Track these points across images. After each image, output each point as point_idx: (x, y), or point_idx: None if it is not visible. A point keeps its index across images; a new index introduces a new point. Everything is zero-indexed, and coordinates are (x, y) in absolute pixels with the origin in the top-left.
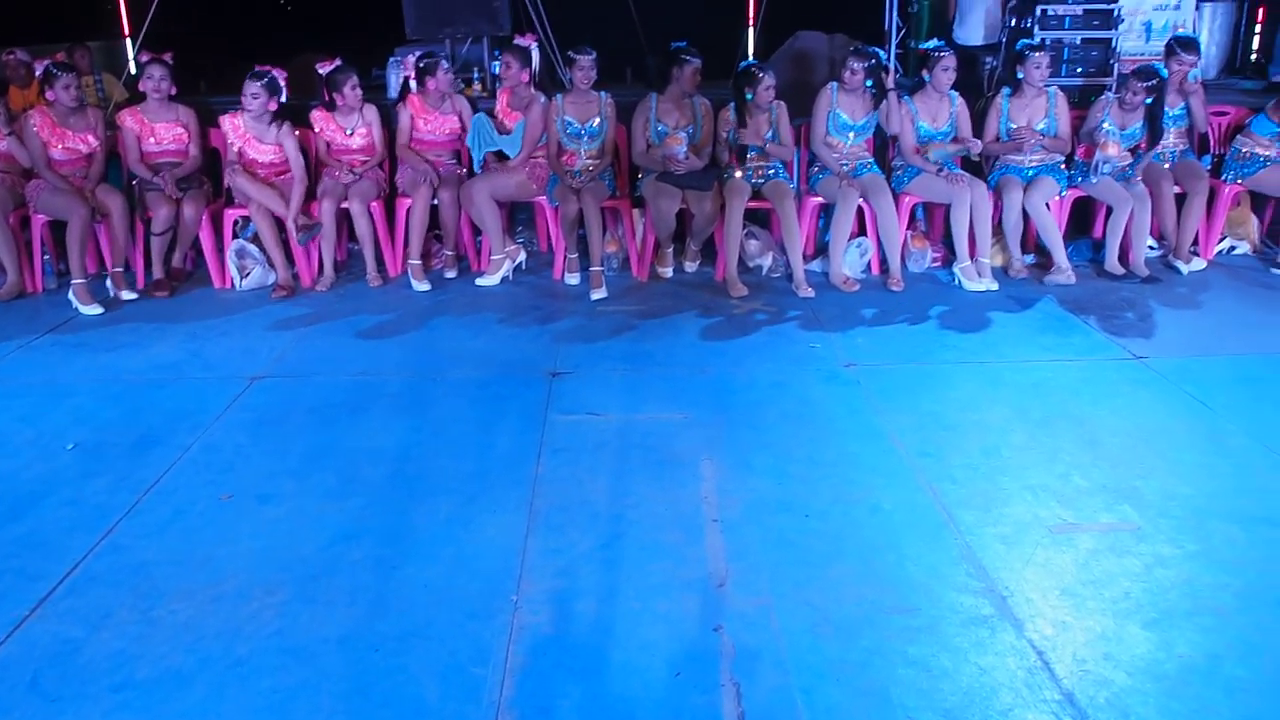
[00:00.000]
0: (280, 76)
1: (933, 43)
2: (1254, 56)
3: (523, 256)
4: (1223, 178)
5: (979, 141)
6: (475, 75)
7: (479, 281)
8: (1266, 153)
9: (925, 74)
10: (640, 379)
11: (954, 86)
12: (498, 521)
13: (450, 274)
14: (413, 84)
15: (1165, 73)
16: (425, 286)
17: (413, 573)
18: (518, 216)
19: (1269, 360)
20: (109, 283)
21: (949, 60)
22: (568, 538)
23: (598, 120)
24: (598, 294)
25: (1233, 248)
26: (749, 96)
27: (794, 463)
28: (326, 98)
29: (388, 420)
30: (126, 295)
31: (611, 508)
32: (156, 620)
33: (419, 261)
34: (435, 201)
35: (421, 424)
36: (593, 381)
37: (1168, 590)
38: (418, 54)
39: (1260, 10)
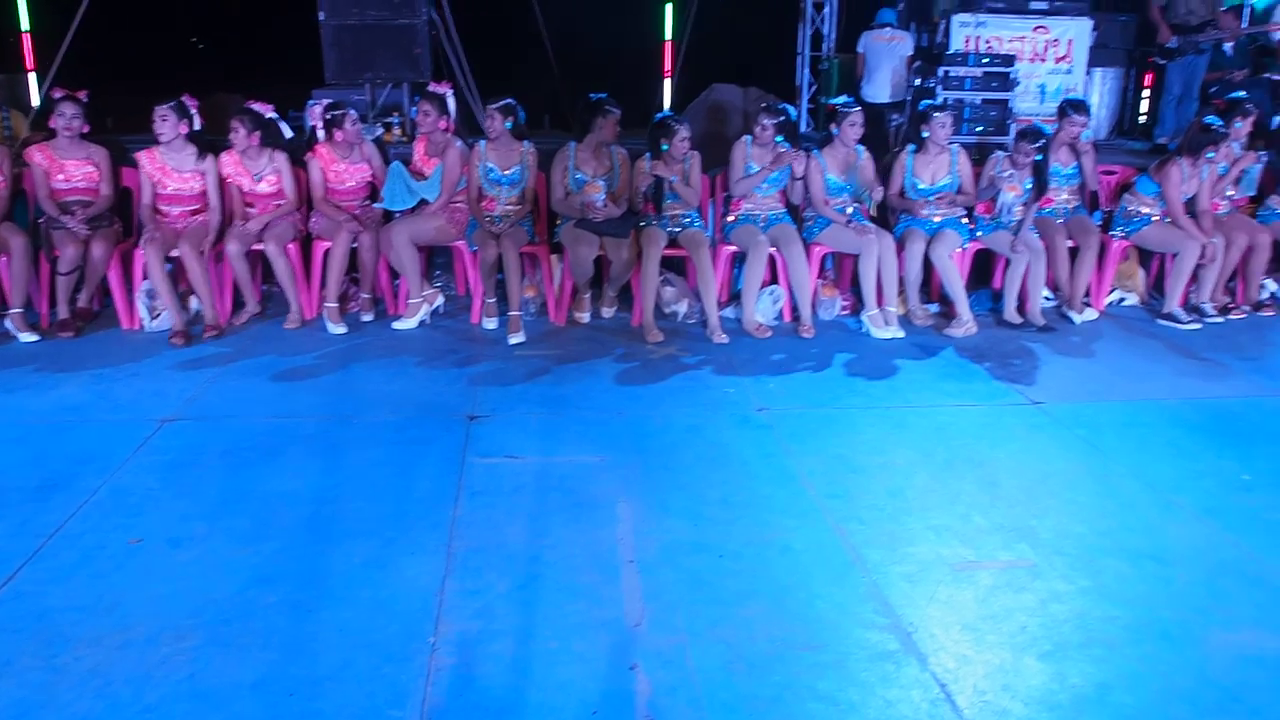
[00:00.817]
0: (191, 103)
1: (842, 99)
2: (1141, 119)
3: (440, 300)
4: (1111, 233)
5: (881, 189)
6: (395, 120)
7: (396, 325)
8: (1150, 211)
9: (834, 128)
10: (558, 422)
11: (861, 141)
12: (415, 564)
13: (367, 317)
14: (320, 134)
15: (1049, 131)
16: (341, 329)
17: (329, 616)
18: (436, 260)
19: (1154, 406)
20: (8, 323)
21: (856, 116)
22: (485, 579)
23: (518, 168)
24: (515, 338)
25: (1122, 299)
26: (664, 147)
27: (708, 504)
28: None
29: (303, 463)
30: (27, 337)
31: (529, 549)
32: (61, 668)
33: (335, 304)
34: (354, 244)
35: (338, 467)
36: (511, 425)
37: (1061, 624)
38: (325, 104)
39: (1146, 76)
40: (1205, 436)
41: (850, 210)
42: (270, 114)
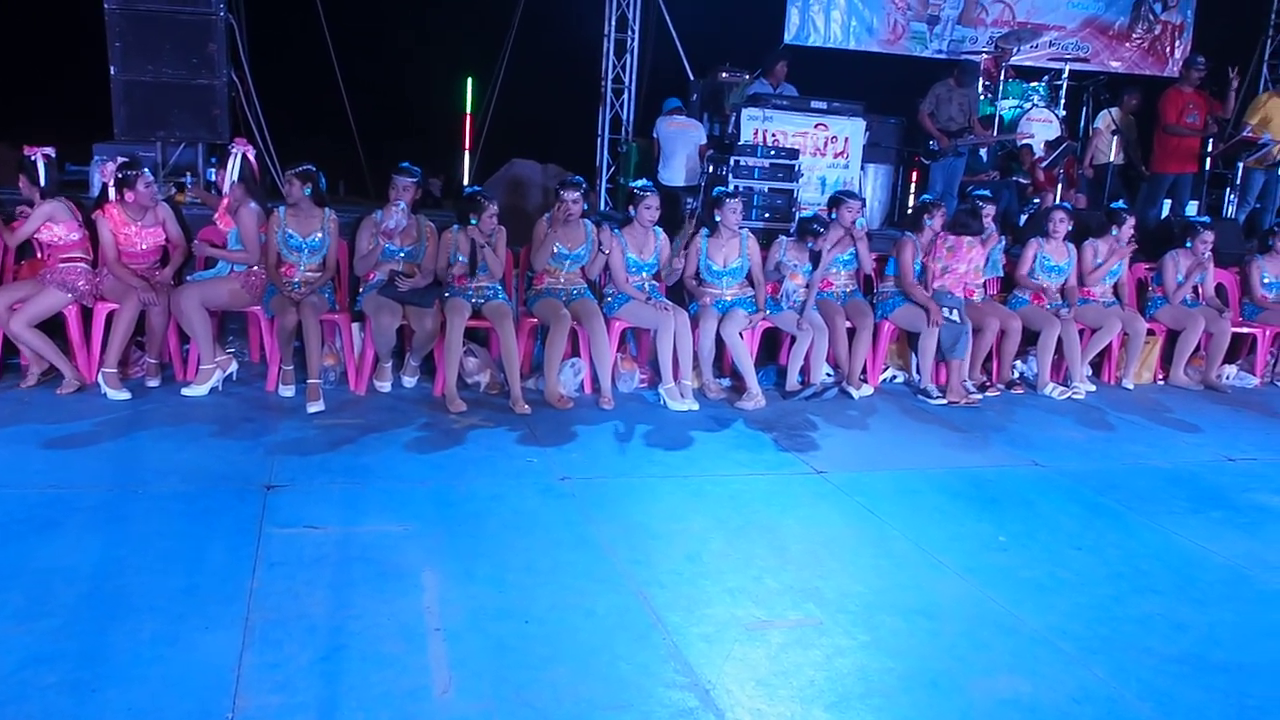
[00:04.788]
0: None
1: (640, 182)
2: (909, 211)
3: (234, 367)
4: (878, 315)
5: (678, 271)
6: (189, 180)
7: (186, 391)
8: (894, 288)
9: (632, 210)
10: (360, 492)
11: (658, 222)
12: (210, 639)
13: (153, 382)
14: (111, 193)
15: (830, 218)
16: (124, 395)
17: (114, 695)
18: (229, 325)
19: (923, 474)
20: None
21: (652, 200)
22: (286, 652)
23: (319, 235)
24: (314, 407)
25: (894, 376)
26: (473, 221)
27: (513, 571)
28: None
29: (83, 536)
30: None
31: (331, 620)
32: None
33: (114, 370)
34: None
35: (123, 540)
36: (310, 495)
37: (845, 676)
38: (118, 162)
39: (913, 174)
40: (966, 502)
41: (648, 287)
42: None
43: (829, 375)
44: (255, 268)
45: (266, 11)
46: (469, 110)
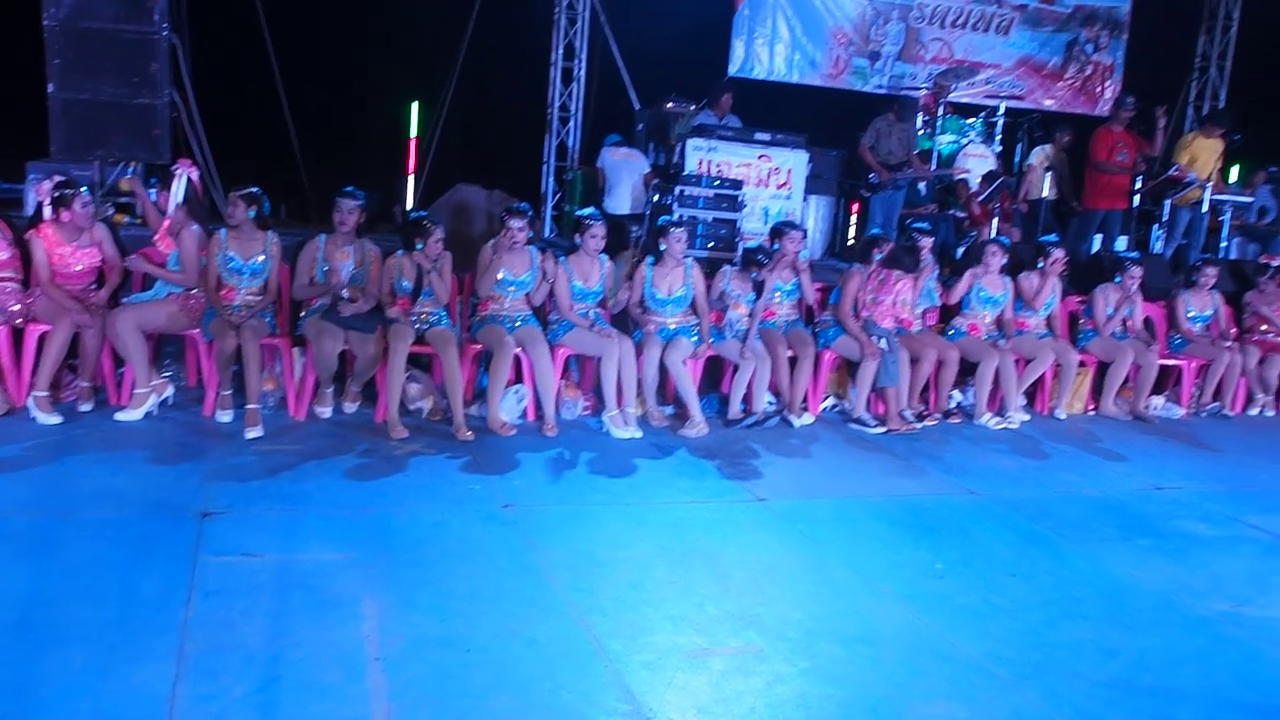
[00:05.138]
0: None
1: (586, 210)
2: (850, 243)
3: (170, 391)
4: (819, 344)
5: (622, 303)
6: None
7: (119, 416)
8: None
9: (578, 238)
10: (299, 519)
11: (604, 250)
12: (143, 670)
13: (85, 407)
14: (46, 212)
15: (774, 248)
16: (54, 419)
17: None
18: (165, 349)
19: (862, 502)
20: None
21: (598, 229)
22: (221, 683)
23: (262, 258)
24: (253, 432)
25: (835, 405)
26: (419, 246)
27: (455, 599)
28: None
29: (11, 564)
30: None
31: (269, 649)
32: None
33: (45, 393)
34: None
35: (51, 568)
36: (248, 522)
37: (785, 703)
38: (54, 180)
39: (854, 206)
40: (904, 529)
41: (593, 314)
42: None
43: (771, 404)
44: (194, 290)
45: (210, 31)
46: (414, 134)
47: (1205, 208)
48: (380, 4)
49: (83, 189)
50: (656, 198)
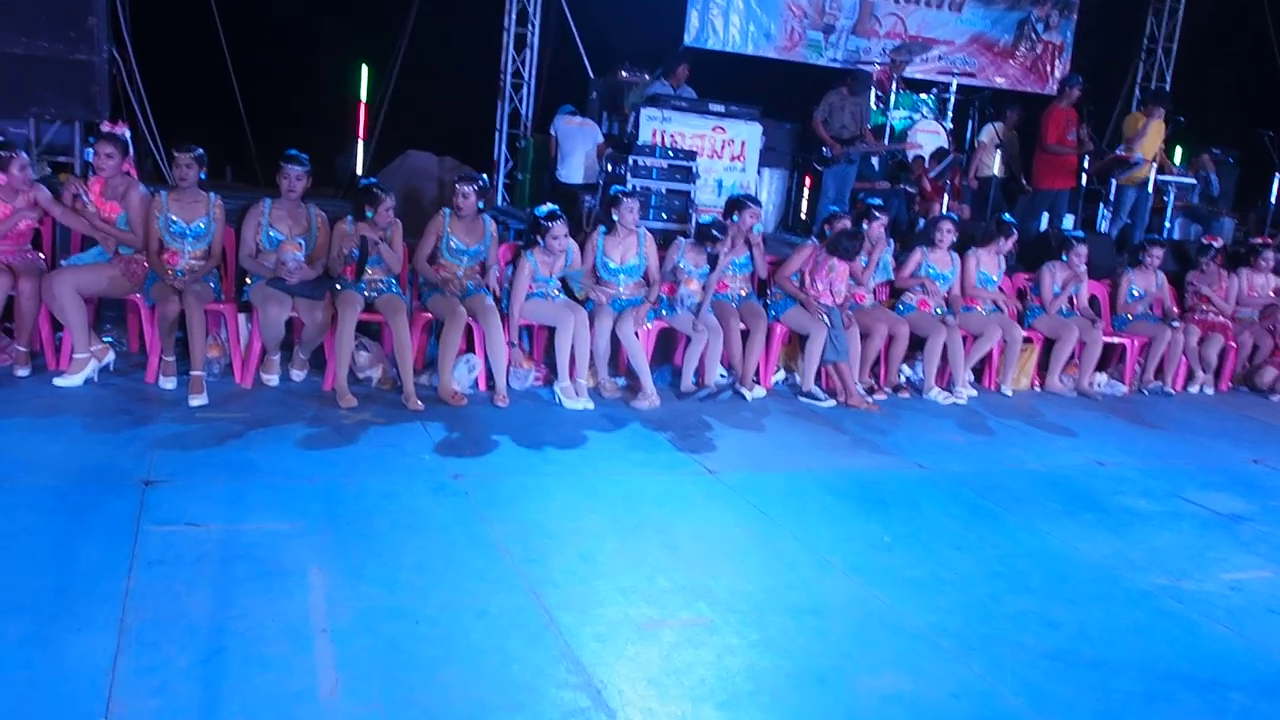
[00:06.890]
0: None
1: (544, 209)
2: (803, 216)
3: (111, 357)
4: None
5: (594, 287)
6: (64, 160)
7: (58, 381)
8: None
9: (540, 240)
10: (244, 488)
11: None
12: (82, 640)
13: (22, 372)
14: None
15: (730, 221)
16: None
17: None
18: (106, 314)
19: (812, 476)
20: None
21: (559, 228)
22: (164, 654)
23: (204, 221)
24: (197, 400)
25: (786, 378)
26: (369, 214)
27: (404, 570)
28: None
29: None
30: None
31: (213, 621)
32: None
33: None
34: (12, 292)
35: None
36: (192, 491)
37: (735, 675)
38: None
39: (807, 179)
40: (854, 503)
41: (551, 286)
42: None
43: (723, 376)
44: (138, 253)
45: None
46: (364, 99)
47: (1150, 188)
48: None
49: (20, 151)
50: (610, 168)
